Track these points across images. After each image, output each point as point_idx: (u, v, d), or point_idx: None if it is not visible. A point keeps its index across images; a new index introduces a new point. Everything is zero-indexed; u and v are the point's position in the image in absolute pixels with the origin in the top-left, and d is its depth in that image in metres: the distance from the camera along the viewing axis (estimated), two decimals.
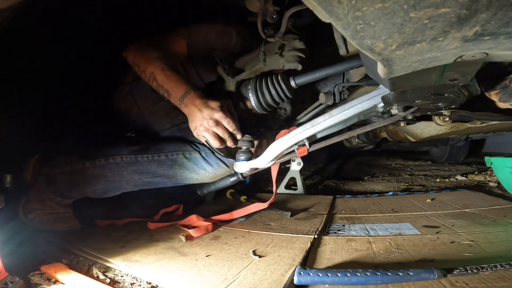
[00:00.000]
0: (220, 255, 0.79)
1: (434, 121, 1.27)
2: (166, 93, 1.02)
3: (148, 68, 1.03)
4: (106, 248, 0.86)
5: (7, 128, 1.15)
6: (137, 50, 1.07)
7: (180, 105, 1.01)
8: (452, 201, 1.21)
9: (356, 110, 0.93)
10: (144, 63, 1.04)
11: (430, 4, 0.33)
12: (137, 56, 1.06)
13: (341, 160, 3.10)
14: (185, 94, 0.99)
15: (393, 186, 1.74)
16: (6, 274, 0.65)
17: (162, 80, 1.01)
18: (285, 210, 1.19)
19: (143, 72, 1.04)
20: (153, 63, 1.03)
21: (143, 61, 1.05)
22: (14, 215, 1.03)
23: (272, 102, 1.04)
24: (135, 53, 1.07)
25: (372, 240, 0.84)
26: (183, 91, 0.99)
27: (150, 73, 1.03)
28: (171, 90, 1.00)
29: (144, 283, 0.68)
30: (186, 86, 1.00)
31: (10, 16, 0.72)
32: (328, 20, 0.39)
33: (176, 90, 1.00)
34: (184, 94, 0.99)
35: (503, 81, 0.71)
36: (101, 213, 1.25)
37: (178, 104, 1.01)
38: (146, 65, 1.03)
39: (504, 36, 0.38)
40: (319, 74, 0.96)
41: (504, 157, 1.20)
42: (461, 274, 0.59)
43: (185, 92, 0.99)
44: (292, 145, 1.03)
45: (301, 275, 0.61)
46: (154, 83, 1.03)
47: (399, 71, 0.49)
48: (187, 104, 0.99)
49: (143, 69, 1.04)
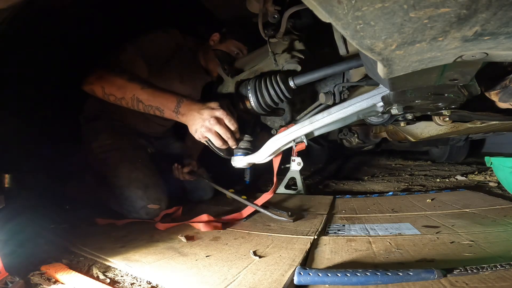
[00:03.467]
0: (220, 255, 0.79)
1: (434, 121, 1.28)
2: (157, 110, 0.98)
3: (127, 93, 0.97)
4: (106, 248, 0.86)
5: (7, 128, 1.16)
6: (102, 79, 1.00)
7: (176, 117, 0.98)
8: (452, 201, 1.21)
9: (354, 108, 0.93)
10: (119, 90, 0.98)
11: (430, 4, 0.33)
12: (106, 85, 1.00)
13: (341, 160, 3.10)
14: (178, 104, 0.97)
15: (393, 186, 1.74)
16: (6, 274, 0.65)
17: (148, 99, 0.97)
18: (285, 210, 1.19)
19: (123, 99, 0.99)
20: (130, 86, 0.97)
21: (116, 89, 0.98)
22: (14, 215, 1.03)
23: (271, 102, 1.04)
24: (101, 83, 1.00)
25: (372, 240, 0.84)
26: (175, 102, 0.97)
27: (131, 97, 0.97)
28: (162, 106, 0.97)
29: (144, 283, 0.68)
30: (175, 96, 0.98)
31: (10, 16, 0.72)
32: (328, 20, 0.39)
33: (167, 103, 0.97)
34: (177, 104, 0.97)
35: (503, 81, 0.71)
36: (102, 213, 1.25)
37: (174, 117, 0.98)
38: (122, 91, 0.98)
39: (504, 36, 0.38)
40: (318, 75, 0.96)
41: (504, 157, 1.20)
42: (461, 274, 0.59)
43: (178, 102, 0.97)
44: (290, 141, 1.04)
45: (301, 275, 0.61)
46: (140, 105, 0.98)
47: (399, 71, 0.49)
48: (184, 113, 0.96)
49: (121, 96, 0.99)
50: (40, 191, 1.36)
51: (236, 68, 1.12)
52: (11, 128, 1.22)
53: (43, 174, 1.43)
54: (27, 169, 1.34)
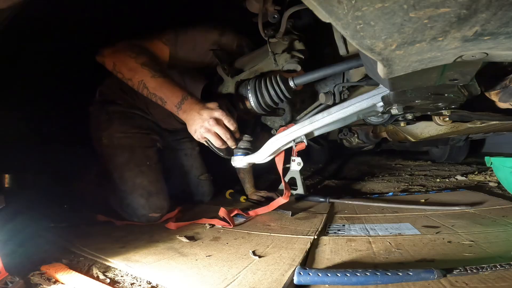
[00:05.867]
0: (220, 255, 0.79)
1: (434, 121, 1.28)
2: (159, 100, 0.98)
3: (135, 76, 0.98)
4: (106, 248, 0.86)
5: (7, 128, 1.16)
6: (116, 55, 1.00)
7: (177, 112, 0.98)
8: (452, 201, 1.21)
9: (354, 108, 0.93)
10: (129, 71, 0.98)
11: (429, 4, 0.33)
12: (117, 63, 0.99)
13: (341, 160, 3.10)
14: (182, 100, 0.97)
15: (393, 186, 1.74)
16: (6, 274, 0.65)
17: (155, 88, 0.97)
18: (285, 210, 1.19)
19: (129, 80, 0.99)
20: (141, 71, 0.97)
21: (126, 69, 0.98)
22: (14, 215, 1.03)
23: (271, 102, 1.04)
24: (114, 59, 0.99)
25: (372, 240, 0.84)
26: (180, 97, 0.97)
27: (138, 81, 0.98)
28: (166, 98, 0.97)
29: (144, 283, 0.68)
30: (182, 92, 0.98)
31: (11, 16, 0.72)
32: (328, 20, 0.39)
33: (172, 97, 0.97)
34: (181, 100, 0.97)
35: (503, 81, 0.71)
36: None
37: (175, 111, 0.99)
38: (132, 73, 0.98)
39: (504, 36, 0.38)
40: (318, 75, 0.96)
41: (504, 157, 1.20)
42: (461, 274, 0.59)
43: (182, 98, 0.97)
44: (290, 141, 1.04)
45: (301, 275, 0.61)
46: (144, 91, 0.98)
47: (399, 71, 0.49)
48: (185, 110, 0.97)
49: (129, 77, 0.99)
50: (40, 191, 1.36)
51: (236, 68, 1.11)
52: (11, 128, 1.22)
53: (43, 174, 1.43)
54: (27, 169, 1.34)
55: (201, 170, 1.55)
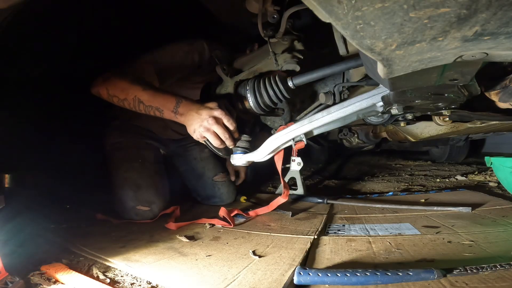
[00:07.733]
0: (220, 255, 0.79)
1: (434, 121, 1.28)
2: (157, 111, 0.99)
3: (129, 94, 0.99)
4: (106, 248, 0.86)
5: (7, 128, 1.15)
6: (106, 82, 1.03)
7: (175, 117, 0.99)
8: (452, 201, 1.21)
9: (354, 108, 0.93)
10: (122, 91, 1.00)
11: (430, 4, 0.33)
12: (110, 87, 1.02)
13: (341, 160, 3.10)
14: (177, 104, 0.98)
15: (393, 186, 1.74)
16: (6, 274, 0.65)
17: (149, 100, 0.98)
18: (285, 210, 1.19)
19: (125, 100, 1.01)
20: (132, 88, 0.99)
21: (119, 90, 1.01)
22: (14, 215, 1.03)
23: (270, 102, 1.04)
24: (107, 85, 1.03)
25: (372, 240, 0.84)
26: (174, 102, 0.98)
27: (133, 98, 0.99)
28: (162, 106, 0.99)
29: (144, 283, 0.68)
30: (175, 96, 0.99)
31: (11, 16, 0.72)
32: (328, 20, 0.39)
33: (167, 104, 0.98)
34: (176, 104, 0.98)
35: (503, 81, 0.71)
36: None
37: (173, 117, 0.99)
38: (125, 92, 1.00)
39: (504, 36, 0.38)
40: (317, 75, 0.96)
41: (504, 157, 1.20)
42: (461, 274, 0.59)
43: (177, 102, 0.98)
44: (289, 139, 1.04)
45: (301, 275, 0.61)
46: (141, 106, 1.00)
47: (399, 71, 0.49)
48: (182, 113, 0.98)
49: (123, 97, 1.01)
50: (40, 191, 1.35)
51: (235, 68, 1.12)
52: (11, 128, 1.22)
53: (43, 174, 1.43)
54: (27, 169, 1.34)
55: (215, 171, 1.51)
